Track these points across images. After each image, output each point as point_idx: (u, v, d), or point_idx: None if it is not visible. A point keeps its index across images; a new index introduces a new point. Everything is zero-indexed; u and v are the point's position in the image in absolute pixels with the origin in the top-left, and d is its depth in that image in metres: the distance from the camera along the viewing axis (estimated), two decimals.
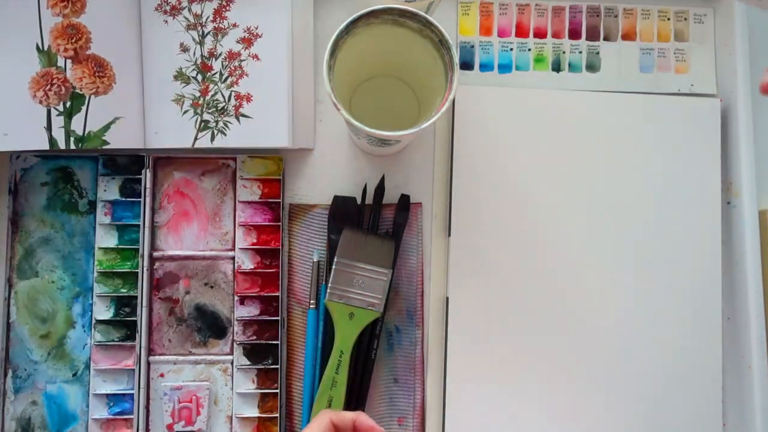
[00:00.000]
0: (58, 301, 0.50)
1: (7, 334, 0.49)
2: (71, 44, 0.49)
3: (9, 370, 0.49)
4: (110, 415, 0.49)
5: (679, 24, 0.55)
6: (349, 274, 0.48)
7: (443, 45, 0.42)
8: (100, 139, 0.49)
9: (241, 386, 0.50)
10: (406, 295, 0.51)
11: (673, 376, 0.51)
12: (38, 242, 0.50)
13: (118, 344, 0.49)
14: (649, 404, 0.50)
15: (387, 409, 0.50)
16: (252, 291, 0.50)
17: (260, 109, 0.50)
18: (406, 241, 0.51)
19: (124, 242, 0.50)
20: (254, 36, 0.51)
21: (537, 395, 0.50)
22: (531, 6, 0.55)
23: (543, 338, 0.50)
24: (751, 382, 0.50)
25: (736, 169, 0.52)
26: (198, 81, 0.50)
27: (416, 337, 0.51)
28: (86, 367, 0.50)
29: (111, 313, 0.50)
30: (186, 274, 0.51)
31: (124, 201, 0.51)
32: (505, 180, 0.51)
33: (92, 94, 0.49)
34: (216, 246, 0.51)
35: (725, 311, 0.52)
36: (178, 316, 0.51)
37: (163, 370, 0.50)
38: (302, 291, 0.51)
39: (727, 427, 0.51)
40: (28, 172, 0.51)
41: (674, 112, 0.53)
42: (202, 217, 0.51)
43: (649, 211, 0.52)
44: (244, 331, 0.50)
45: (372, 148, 0.50)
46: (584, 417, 0.50)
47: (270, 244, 0.51)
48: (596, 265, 0.51)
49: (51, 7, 0.48)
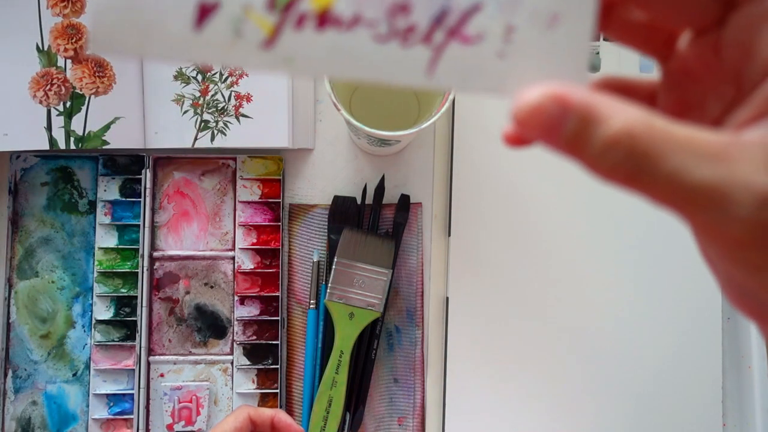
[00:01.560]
0: (58, 301, 0.50)
1: (7, 334, 0.49)
2: (71, 44, 0.49)
3: (9, 370, 0.49)
4: (110, 415, 0.49)
5: None
6: (349, 274, 0.48)
7: None
8: (100, 139, 0.49)
9: (241, 386, 0.50)
10: (406, 295, 0.51)
11: (674, 376, 0.51)
12: (38, 242, 0.50)
13: (118, 344, 0.49)
14: (649, 404, 0.50)
15: (387, 409, 0.50)
16: (252, 291, 0.50)
17: (260, 109, 0.50)
18: (406, 241, 0.51)
19: (124, 242, 0.50)
20: None
21: (537, 395, 0.50)
22: None
23: (543, 338, 0.50)
24: (751, 382, 0.50)
25: None
26: (198, 81, 0.50)
27: (416, 337, 0.51)
28: (86, 367, 0.50)
29: (111, 313, 0.50)
30: (186, 274, 0.51)
31: (124, 201, 0.51)
32: (505, 180, 0.51)
33: (92, 94, 0.49)
34: (216, 246, 0.51)
35: (725, 311, 0.52)
36: (178, 316, 0.51)
37: (163, 370, 0.50)
38: (302, 291, 0.51)
39: (727, 427, 0.51)
40: (28, 172, 0.51)
41: None
42: (202, 217, 0.51)
43: (649, 209, 0.52)
44: (244, 331, 0.50)
45: (372, 148, 0.50)
46: (584, 416, 0.50)
47: (270, 244, 0.51)
48: (596, 264, 0.51)
49: (51, 7, 0.48)
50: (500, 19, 0.17)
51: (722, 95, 0.19)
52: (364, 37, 0.17)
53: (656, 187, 0.16)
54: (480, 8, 0.17)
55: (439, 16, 0.17)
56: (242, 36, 0.17)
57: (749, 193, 0.15)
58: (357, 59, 0.17)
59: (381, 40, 0.17)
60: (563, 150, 0.17)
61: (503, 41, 0.17)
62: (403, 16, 0.17)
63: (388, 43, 0.17)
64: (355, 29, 0.17)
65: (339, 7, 0.17)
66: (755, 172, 0.16)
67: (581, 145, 0.16)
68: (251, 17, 0.17)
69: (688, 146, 0.16)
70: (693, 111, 0.20)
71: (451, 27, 0.17)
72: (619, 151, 0.16)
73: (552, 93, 0.16)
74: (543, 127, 0.16)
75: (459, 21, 0.17)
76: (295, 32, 0.17)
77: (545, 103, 0.16)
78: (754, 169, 0.16)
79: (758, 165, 0.16)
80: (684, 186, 0.16)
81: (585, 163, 0.17)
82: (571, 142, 0.16)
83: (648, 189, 0.16)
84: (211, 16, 0.17)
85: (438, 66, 0.17)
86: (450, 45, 0.17)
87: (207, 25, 0.17)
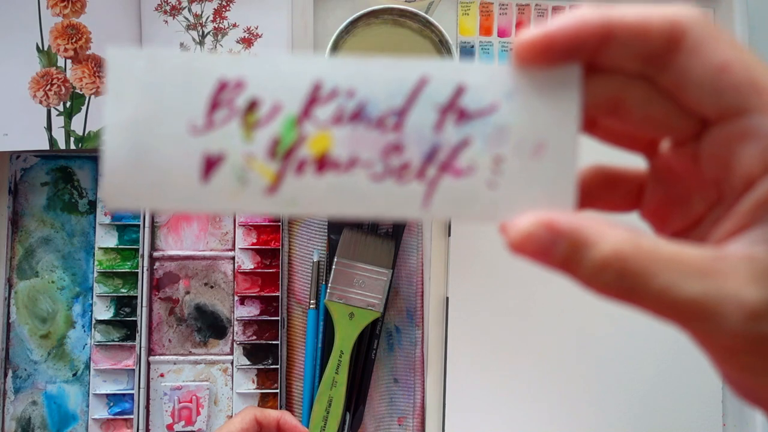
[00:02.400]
0: (58, 301, 0.50)
1: (7, 334, 0.49)
2: (71, 44, 0.49)
3: (9, 370, 0.49)
4: (110, 415, 0.49)
5: None
6: (349, 274, 0.48)
7: (443, 45, 0.42)
8: (101, 139, 0.49)
9: (241, 386, 0.50)
10: (406, 295, 0.51)
11: (673, 375, 0.51)
12: (38, 242, 0.50)
13: (118, 344, 0.49)
14: (649, 404, 0.50)
15: (387, 409, 0.50)
16: (252, 291, 0.50)
17: None
18: (406, 241, 0.51)
19: (124, 242, 0.50)
20: (254, 36, 0.51)
21: (537, 395, 0.50)
22: (531, 6, 0.55)
23: (543, 338, 0.50)
24: None
25: None
26: None
27: (416, 337, 0.51)
28: (86, 367, 0.50)
29: (111, 313, 0.50)
30: (186, 274, 0.51)
31: None
32: None
33: (92, 94, 0.49)
34: (216, 246, 0.51)
35: None
36: (178, 316, 0.51)
37: (163, 370, 0.50)
38: (302, 291, 0.51)
39: (727, 427, 0.51)
40: (28, 172, 0.51)
41: None
42: (202, 217, 0.51)
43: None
44: (244, 331, 0.50)
45: None
46: (584, 416, 0.50)
47: (270, 244, 0.51)
48: None
49: (51, 7, 0.48)
50: (488, 151, 0.18)
51: (705, 195, 0.20)
52: (362, 177, 0.18)
53: (649, 302, 0.17)
54: (468, 142, 0.18)
55: (431, 153, 0.18)
56: (247, 184, 0.18)
57: (737, 306, 0.16)
58: (356, 198, 0.18)
59: (377, 178, 0.18)
60: (558, 269, 0.18)
61: (492, 172, 0.19)
62: (397, 155, 0.18)
63: (385, 180, 0.18)
64: (353, 170, 0.18)
65: (336, 151, 0.18)
66: (743, 286, 0.16)
67: (574, 266, 0.17)
68: (254, 166, 0.18)
69: (676, 263, 0.17)
70: (679, 205, 0.21)
71: (442, 162, 0.18)
72: (610, 273, 0.17)
73: (541, 221, 0.17)
74: (537, 251, 0.18)
75: (449, 156, 0.18)
76: (297, 177, 0.18)
77: (536, 230, 0.17)
78: (741, 283, 0.16)
79: (745, 279, 0.16)
80: (675, 301, 0.17)
81: (579, 281, 0.18)
82: (564, 264, 0.17)
83: (641, 304, 0.17)
84: (216, 168, 0.18)
85: (433, 199, 0.18)
86: (443, 179, 0.18)
87: (213, 176, 0.18)
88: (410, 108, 0.18)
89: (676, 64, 0.18)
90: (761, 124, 0.17)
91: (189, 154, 0.18)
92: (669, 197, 0.21)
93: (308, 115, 0.18)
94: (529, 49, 0.18)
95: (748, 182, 0.18)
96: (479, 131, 0.19)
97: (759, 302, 0.16)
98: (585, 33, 0.18)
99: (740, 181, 0.18)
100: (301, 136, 0.18)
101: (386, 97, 0.18)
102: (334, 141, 0.18)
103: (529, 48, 0.18)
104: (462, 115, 0.18)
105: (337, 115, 0.18)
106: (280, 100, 0.18)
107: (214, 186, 0.18)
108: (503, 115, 0.19)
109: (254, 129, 0.18)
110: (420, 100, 0.18)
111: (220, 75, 0.18)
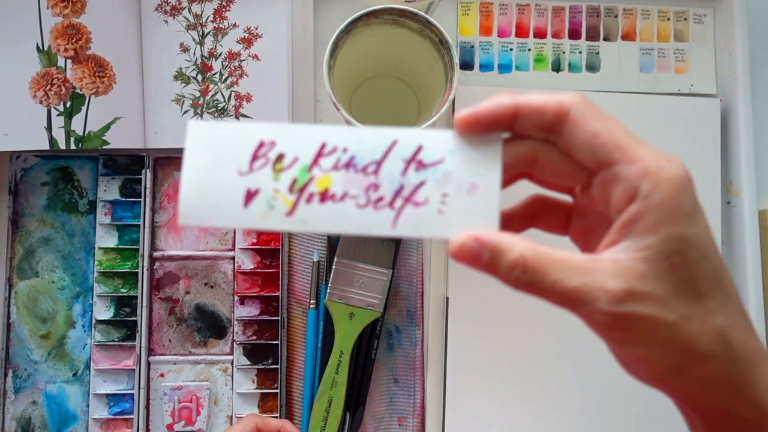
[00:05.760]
0: (58, 301, 0.50)
1: (7, 334, 0.49)
2: (71, 44, 0.49)
3: (9, 370, 0.49)
4: (110, 415, 0.49)
5: (679, 24, 0.55)
6: (349, 274, 0.48)
7: (443, 45, 0.42)
8: (100, 139, 0.49)
9: (241, 386, 0.50)
10: (406, 295, 0.51)
11: None
12: (38, 242, 0.50)
13: (118, 344, 0.50)
14: (649, 404, 0.50)
15: (387, 409, 0.50)
16: (252, 291, 0.50)
17: (260, 109, 0.50)
18: (406, 241, 0.51)
19: (124, 242, 0.50)
20: (254, 36, 0.51)
21: (537, 395, 0.50)
22: (531, 6, 0.55)
23: (544, 338, 0.50)
24: None
25: (736, 169, 0.52)
26: (198, 81, 0.50)
27: (416, 337, 0.51)
28: (86, 367, 0.50)
29: (111, 313, 0.50)
30: (186, 274, 0.51)
31: (124, 201, 0.51)
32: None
33: (92, 94, 0.49)
34: (216, 246, 0.51)
35: None
36: (178, 316, 0.51)
37: (163, 370, 0.50)
38: (302, 291, 0.51)
39: None
40: (28, 172, 0.51)
41: (674, 112, 0.53)
42: None
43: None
44: (244, 331, 0.50)
45: None
46: (584, 416, 0.50)
47: (270, 244, 0.51)
48: None
49: (51, 7, 0.48)
50: (437, 189, 0.26)
51: (606, 225, 0.26)
52: (351, 206, 0.26)
53: (545, 292, 0.24)
54: (424, 183, 0.26)
55: (398, 190, 0.26)
56: (273, 209, 0.26)
57: (604, 292, 0.24)
58: (346, 220, 0.26)
59: (361, 206, 0.26)
60: (483, 270, 0.25)
61: (441, 203, 0.26)
62: (375, 191, 0.26)
63: (366, 208, 0.26)
64: (345, 201, 0.26)
65: (334, 188, 0.26)
66: (608, 279, 0.24)
67: (494, 267, 0.25)
68: (279, 197, 0.26)
69: (563, 264, 0.24)
70: (593, 232, 0.28)
71: (406, 196, 0.26)
72: (518, 270, 0.24)
73: (472, 236, 0.25)
74: (469, 258, 0.25)
75: (411, 192, 0.26)
76: (307, 205, 0.26)
77: (469, 242, 0.25)
78: (607, 277, 0.24)
79: (610, 275, 0.24)
80: (564, 291, 0.24)
81: (498, 277, 0.25)
82: (487, 266, 0.25)
83: (541, 294, 0.24)
84: (254, 198, 0.26)
85: (399, 221, 0.26)
86: (406, 208, 0.26)
87: (251, 204, 0.26)
88: (385, 160, 0.26)
89: (565, 132, 0.25)
90: (622, 171, 0.24)
91: (236, 189, 0.26)
92: (585, 226, 0.29)
93: (316, 164, 0.26)
94: (462, 124, 0.26)
95: (619, 211, 0.25)
96: (432, 176, 0.26)
97: (619, 290, 0.24)
98: (500, 112, 0.26)
99: (615, 211, 0.25)
100: (311, 177, 0.26)
101: (369, 152, 0.26)
102: (333, 181, 0.26)
103: (462, 123, 0.26)
104: (420, 165, 0.26)
105: (335, 164, 0.26)
106: (299, 154, 0.26)
107: (251, 210, 0.26)
108: (448, 165, 0.26)
109: (280, 173, 0.26)
110: (392, 155, 0.26)
111: (259, 138, 0.27)
